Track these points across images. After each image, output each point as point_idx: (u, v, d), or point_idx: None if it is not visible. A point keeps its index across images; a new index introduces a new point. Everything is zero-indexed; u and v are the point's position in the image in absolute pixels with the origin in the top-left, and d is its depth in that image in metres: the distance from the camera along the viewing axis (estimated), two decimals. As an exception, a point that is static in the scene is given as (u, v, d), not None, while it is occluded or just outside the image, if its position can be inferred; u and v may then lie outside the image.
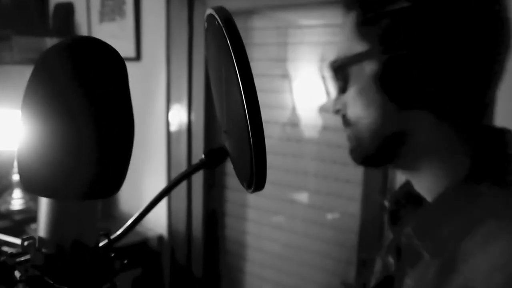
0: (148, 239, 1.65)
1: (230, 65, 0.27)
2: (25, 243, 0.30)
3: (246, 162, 0.30)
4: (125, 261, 0.34)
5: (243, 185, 0.34)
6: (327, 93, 0.62)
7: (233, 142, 0.35)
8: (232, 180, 1.58)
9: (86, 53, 0.28)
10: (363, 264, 1.22)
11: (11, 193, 1.73)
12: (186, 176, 0.41)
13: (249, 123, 0.27)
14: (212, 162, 0.41)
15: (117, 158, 0.29)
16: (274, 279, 1.51)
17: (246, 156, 0.30)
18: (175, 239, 1.67)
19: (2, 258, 0.31)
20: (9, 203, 1.70)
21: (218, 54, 0.31)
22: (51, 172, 0.28)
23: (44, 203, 0.30)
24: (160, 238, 1.68)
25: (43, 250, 0.30)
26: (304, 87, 1.36)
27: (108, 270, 0.31)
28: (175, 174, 1.61)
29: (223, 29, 0.28)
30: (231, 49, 0.27)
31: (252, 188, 0.31)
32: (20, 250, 0.31)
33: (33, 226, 1.58)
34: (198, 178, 1.59)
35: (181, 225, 1.64)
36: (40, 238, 0.31)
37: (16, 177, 1.74)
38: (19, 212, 1.68)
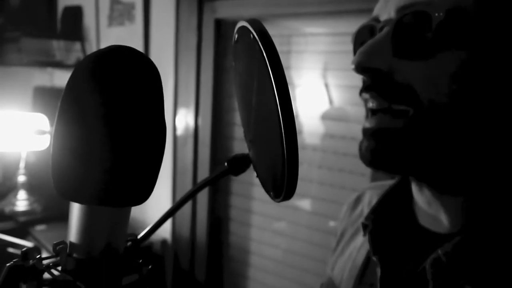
0: (152, 243, 1.65)
1: (266, 77, 0.28)
2: (57, 248, 0.31)
3: (275, 172, 0.31)
4: (150, 267, 0.34)
5: (269, 194, 0.34)
6: (330, 100, 0.57)
7: (260, 151, 0.35)
8: (237, 186, 1.59)
9: (114, 62, 0.28)
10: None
11: (15, 195, 1.74)
12: (210, 182, 0.42)
13: (284, 134, 0.27)
14: (235, 169, 0.42)
15: (142, 168, 0.29)
16: (277, 286, 1.51)
17: (275, 166, 0.30)
18: (179, 244, 1.67)
19: (32, 262, 0.31)
20: (13, 204, 1.71)
21: (250, 65, 0.31)
22: (71, 177, 0.28)
23: (75, 208, 0.31)
24: (163, 242, 1.68)
25: (74, 255, 0.31)
26: (308, 94, 1.37)
27: (137, 276, 0.32)
28: (180, 179, 1.62)
29: (259, 41, 0.28)
30: (267, 62, 0.27)
31: (281, 198, 0.31)
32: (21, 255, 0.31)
33: (37, 227, 1.58)
34: (203, 183, 1.59)
35: (185, 230, 1.64)
36: (71, 243, 0.31)
37: (21, 178, 1.74)
38: (23, 213, 1.68)
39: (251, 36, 0.29)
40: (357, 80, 0.46)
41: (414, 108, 0.41)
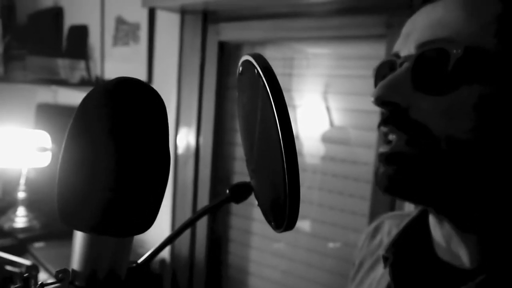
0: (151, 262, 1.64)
1: (269, 113, 0.29)
2: (59, 275, 0.31)
3: (277, 203, 0.31)
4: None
5: (270, 224, 0.35)
6: (331, 123, 0.58)
7: (262, 181, 0.36)
8: (237, 206, 1.58)
9: (124, 96, 0.28)
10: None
11: (15, 211, 1.73)
12: (211, 209, 0.42)
13: (286, 169, 0.28)
14: (236, 197, 0.42)
15: (144, 196, 0.29)
16: (276, 308, 1.49)
17: (277, 197, 0.31)
18: (178, 263, 1.66)
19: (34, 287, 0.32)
20: (12, 221, 1.70)
21: (254, 99, 0.32)
22: (76, 205, 0.29)
23: (78, 237, 0.31)
24: (162, 261, 1.67)
25: (76, 282, 0.31)
26: (308, 116, 1.38)
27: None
28: (181, 198, 1.62)
29: (263, 77, 0.29)
30: (271, 99, 0.28)
31: (282, 229, 0.32)
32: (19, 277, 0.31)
33: (36, 245, 1.58)
34: (203, 203, 1.59)
35: (184, 249, 1.63)
36: (74, 271, 0.31)
37: (21, 194, 1.74)
38: (22, 230, 1.67)
39: (256, 71, 0.30)
40: (358, 104, 0.46)
41: (425, 141, 0.42)
